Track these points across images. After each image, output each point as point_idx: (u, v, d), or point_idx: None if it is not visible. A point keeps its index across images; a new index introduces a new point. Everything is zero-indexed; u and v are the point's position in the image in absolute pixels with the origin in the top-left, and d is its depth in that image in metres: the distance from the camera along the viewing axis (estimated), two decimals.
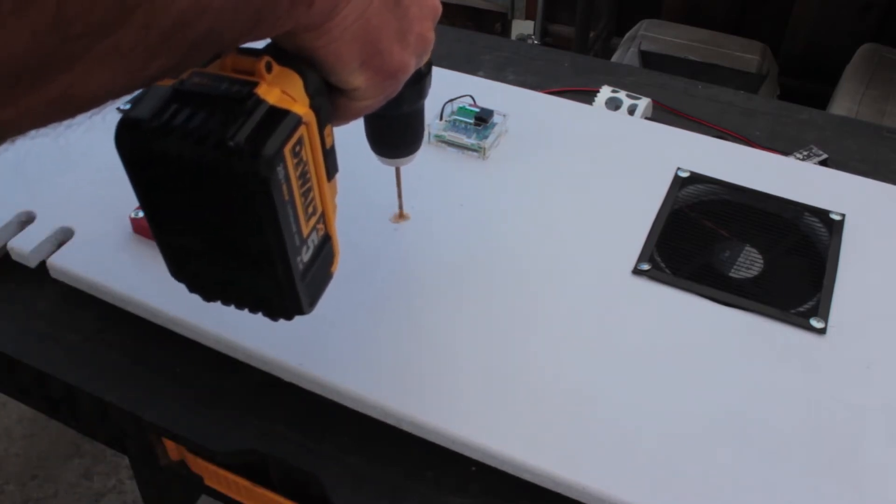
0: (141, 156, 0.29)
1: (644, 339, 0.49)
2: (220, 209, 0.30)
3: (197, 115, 0.28)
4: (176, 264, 0.34)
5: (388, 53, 0.33)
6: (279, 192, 0.29)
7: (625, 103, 0.70)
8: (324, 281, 0.35)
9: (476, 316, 0.50)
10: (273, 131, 0.28)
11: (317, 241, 0.33)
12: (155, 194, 0.31)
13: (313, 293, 0.35)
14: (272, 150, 0.28)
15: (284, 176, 0.29)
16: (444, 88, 0.64)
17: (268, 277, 0.32)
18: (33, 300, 0.55)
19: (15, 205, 0.57)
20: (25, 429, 1.38)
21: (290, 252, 0.31)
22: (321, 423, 0.47)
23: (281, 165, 0.29)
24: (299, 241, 0.32)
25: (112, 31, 0.22)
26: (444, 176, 0.60)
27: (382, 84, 0.34)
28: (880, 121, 1.19)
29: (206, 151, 0.28)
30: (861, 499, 0.41)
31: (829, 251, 0.55)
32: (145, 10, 0.22)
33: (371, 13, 0.31)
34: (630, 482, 0.42)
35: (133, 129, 0.28)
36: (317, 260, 0.34)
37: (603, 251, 0.54)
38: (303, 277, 0.33)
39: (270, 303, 0.34)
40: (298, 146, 0.30)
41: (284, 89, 0.30)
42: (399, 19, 0.33)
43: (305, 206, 0.32)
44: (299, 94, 0.30)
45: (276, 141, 0.28)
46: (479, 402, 0.46)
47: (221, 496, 0.52)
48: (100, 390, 0.49)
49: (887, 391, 0.46)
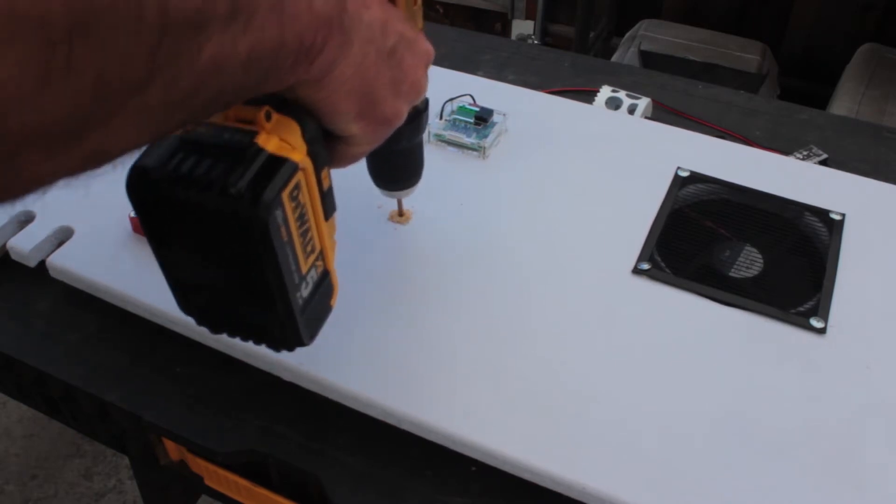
0: (151, 201, 0.31)
1: (644, 338, 0.49)
2: (223, 250, 0.32)
3: (202, 163, 0.30)
4: (184, 300, 0.36)
5: (383, 103, 0.35)
6: (278, 234, 0.31)
7: (625, 103, 0.70)
8: (323, 314, 0.37)
9: (476, 315, 0.50)
10: (272, 178, 0.30)
11: (316, 277, 0.35)
12: (164, 236, 0.33)
13: (313, 326, 0.36)
14: (271, 195, 0.30)
15: (283, 219, 0.31)
16: (444, 88, 0.64)
17: (269, 312, 0.34)
18: (33, 300, 0.55)
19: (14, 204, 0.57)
20: (25, 429, 1.38)
21: (290, 288, 0.33)
22: (321, 423, 0.47)
23: (279, 209, 0.31)
24: (298, 279, 0.34)
25: (143, 90, 0.23)
26: (444, 175, 0.60)
27: (377, 131, 0.36)
28: (880, 121, 1.19)
29: (210, 197, 0.30)
30: (861, 499, 0.41)
31: (829, 251, 0.55)
32: (170, 70, 0.24)
33: (367, 66, 0.33)
34: (630, 482, 0.42)
35: (143, 176, 0.30)
36: (316, 294, 0.36)
37: (603, 251, 0.54)
38: (303, 312, 0.34)
39: (273, 335, 0.36)
40: (296, 190, 0.32)
41: (283, 137, 0.31)
42: (393, 69, 0.35)
43: (304, 245, 0.34)
44: (297, 142, 0.32)
45: (274, 187, 0.30)
46: (479, 402, 0.46)
47: (221, 496, 0.52)
48: (100, 390, 0.49)
49: (887, 391, 0.46)
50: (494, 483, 0.44)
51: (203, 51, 0.24)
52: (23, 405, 0.60)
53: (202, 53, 0.24)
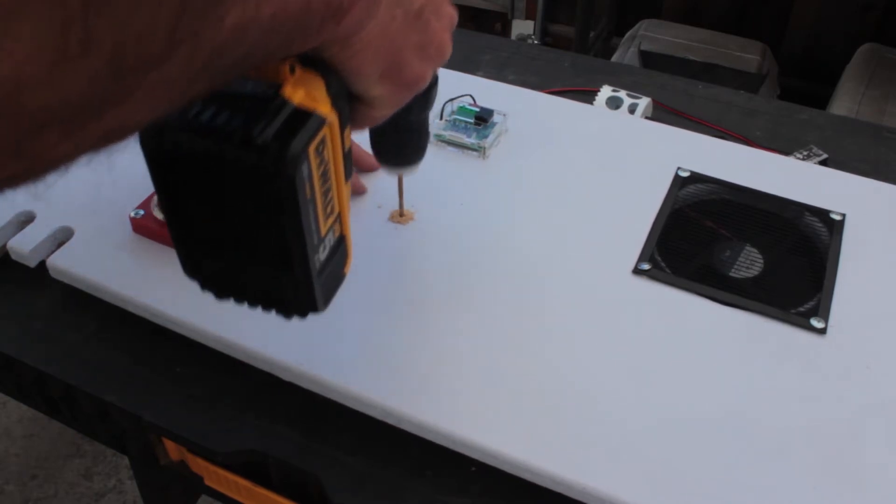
0: (165, 152, 0.29)
1: (644, 338, 0.49)
2: (242, 206, 0.30)
3: (222, 112, 0.28)
4: (191, 261, 0.34)
5: (409, 65, 0.34)
6: (303, 190, 0.29)
7: (625, 103, 0.70)
8: (337, 280, 0.36)
9: (476, 315, 0.50)
10: (298, 130, 0.29)
11: (333, 241, 0.34)
12: (176, 191, 0.31)
13: (328, 292, 0.35)
14: (298, 148, 0.28)
15: (308, 174, 0.30)
16: (444, 88, 0.64)
17: (286, 275, 0.32)
18: (33, 300, 0.55)
19: (15, 204, 0.57)
20: (25, 429, 1.38)
21: (310, 250, 0.32)
22: (321, 423, 0.47)
23: (305, 164, 0.29)
24: (317, 240, 0.32)
25: (161, 65, 0.23)
26: (444, 175, 0.60)
27: (400, 93, 0.35)
28: (880, 121, 1.19)
29: (231, 148, 0.28)
30: (861, 499, 0.41)
31: (829, 251, 0.55)
32: (190, 42, 0.23)
33: (394, 28, 0.32)
34: (630, 482, 0.42)
35: (158, 126, 0.28)
36: (332, 259, 0.34)
37: (603, 251, 0.54)
38: (319, 275, 0.33)
39: (286, 300, 0.34)
40: (322, 146, 0.30)
41: (308, 90, 0.30)
42: (420, 32, 0.34)
43: (325, 205, 0.32)
44: (322, 96, 0.31)
45: (301, 140, 0.29)
46: (479, 401, 0.46)
47: (221, 496, 0.52)
48: (100, 390, 0.49)
49: (887, 391, 0.46)
50: (494, 483, 0.44)
51: (225, 19, 0.23)
52: (23, 405, 0.60)
53: (224, 22, 0.23)
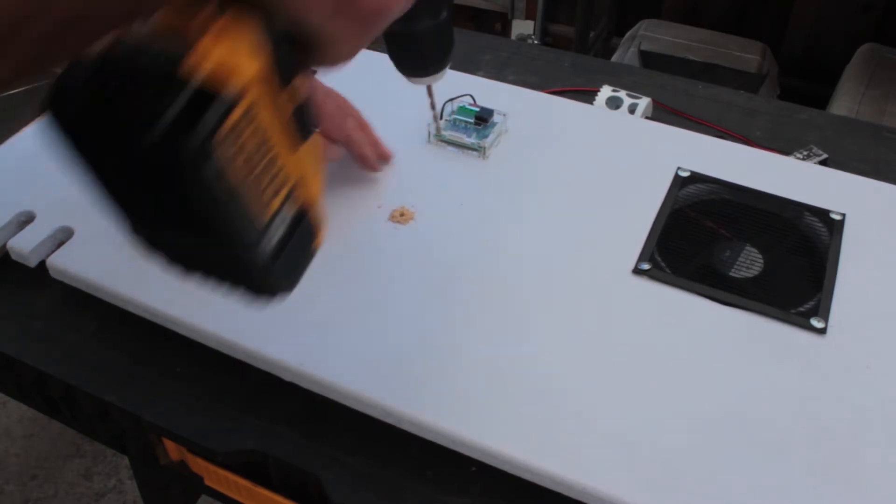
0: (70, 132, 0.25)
1: (644, 338, 0.49)
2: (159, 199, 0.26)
3: (120, 96, 0.24)
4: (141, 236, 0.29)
5: None
6: (216, 184, 0.25)
7: (625, 103, 0.70)
8: (305, 257, 0.32)
9: (476, 315, 0.50)
10: (198, 119, 0.24)
11: (289, 219, 0.29)
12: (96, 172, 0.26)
13: (291, 273, 0.31)
14: (197, 142, 0.24)
15: (225, 163, 0.25)
16: (445, 88, 0.64)
17: (233, 264, 0.29)
18: (33, 300, 0.55)
19: (15, 205, 0.57)
20: (25, 429, 1.38)
21: (250, 239, 0.28)
22: (321, 423, 0.47)
23: (212, 157, 0.24)
24: (262, 225, 0.28)
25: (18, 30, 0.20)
26: (444, 175, 0.60)
27: (362, 28, 0.29)
28: (880, 121, 1.19)
29: (127, 143, 0.24)
30: (861, 499, 0.41)
31: (829, 251, 0.55)
32: None
33: None
34: (630, 482, 0.42)
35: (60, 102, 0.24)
36: (292, 237, 0.30)
37: (603, 251, 0.54)
38: (274, 259, 0.29)
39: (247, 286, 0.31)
40: (243, 123, 0.25)
41: (231, 46, 0.25)
42: None
43: (267, 183, 0.28)
44: (251, 49, 0.25)
45: (203, 130, 0.24)
46: (479, 401, 0.46)
47: (221, 496, 0.52)
48: (100, 390, 0.49)
49: (887, 391, 0.46)
50: (494, 483, 0.44)
51: None
52: (23, 405, 0.60)
53: None
